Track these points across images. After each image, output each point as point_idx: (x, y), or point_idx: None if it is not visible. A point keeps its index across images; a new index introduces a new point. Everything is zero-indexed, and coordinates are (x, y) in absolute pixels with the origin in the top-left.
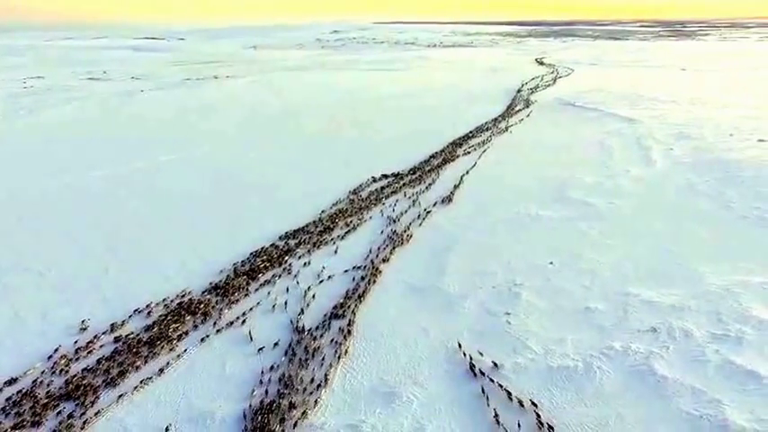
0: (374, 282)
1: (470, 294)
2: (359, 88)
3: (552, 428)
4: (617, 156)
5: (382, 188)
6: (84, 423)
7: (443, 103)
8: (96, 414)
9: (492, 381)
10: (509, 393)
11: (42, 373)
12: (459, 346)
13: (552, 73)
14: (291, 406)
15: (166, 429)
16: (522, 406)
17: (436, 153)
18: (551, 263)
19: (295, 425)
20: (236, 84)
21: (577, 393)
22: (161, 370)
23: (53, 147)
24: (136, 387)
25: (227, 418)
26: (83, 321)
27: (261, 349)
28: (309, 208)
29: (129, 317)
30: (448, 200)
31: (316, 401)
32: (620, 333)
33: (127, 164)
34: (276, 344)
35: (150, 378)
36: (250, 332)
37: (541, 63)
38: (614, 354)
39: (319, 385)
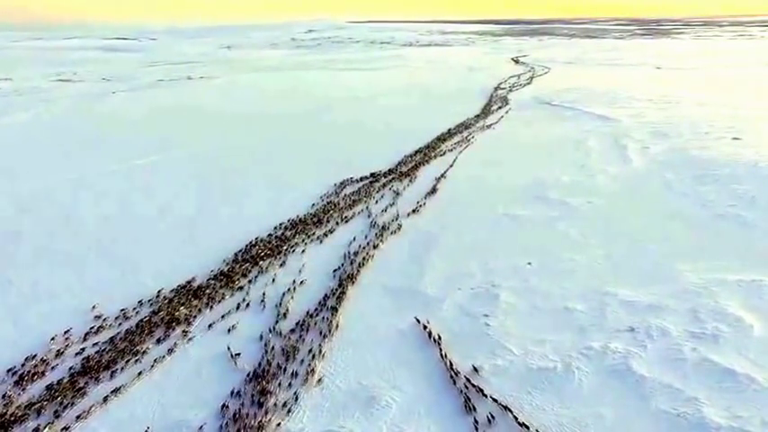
0: (364, 266)
1: (449, 296)
2: (337, 88)
3: (482, 390)
4: (594, 154)
5: (371, 183)
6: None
7: (420, 103)
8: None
9: (441, 350)
10: (451, 364)
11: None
12: (417, 321)
13: (529, 72)
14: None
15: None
16: (458, 375)
17: (416, 151)
18: (529, 263)
19: None
20: (210, 84)
21: (557, 394)
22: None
23: (21, 151)
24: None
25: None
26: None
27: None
28: (300, 204)
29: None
30: (432, 191)
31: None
32: (599, 333)
33: (102, 166)
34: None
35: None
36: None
37: (518, 62)
38: (593, 354)
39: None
